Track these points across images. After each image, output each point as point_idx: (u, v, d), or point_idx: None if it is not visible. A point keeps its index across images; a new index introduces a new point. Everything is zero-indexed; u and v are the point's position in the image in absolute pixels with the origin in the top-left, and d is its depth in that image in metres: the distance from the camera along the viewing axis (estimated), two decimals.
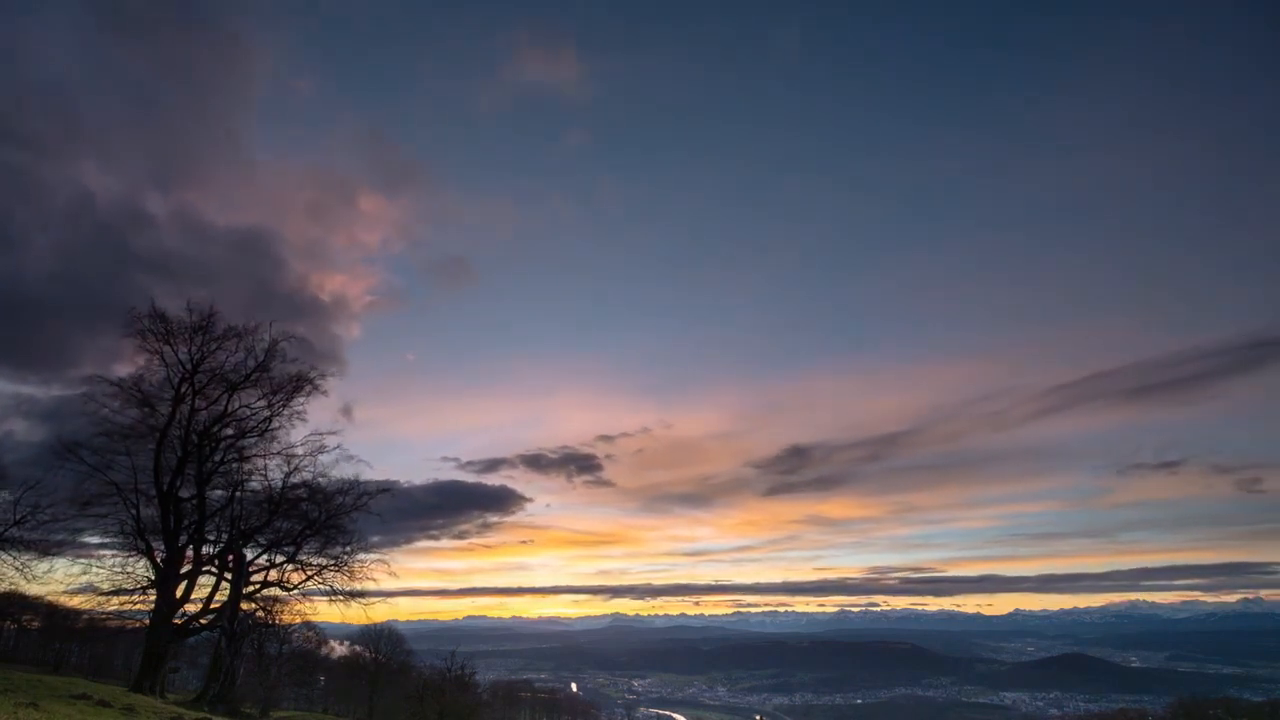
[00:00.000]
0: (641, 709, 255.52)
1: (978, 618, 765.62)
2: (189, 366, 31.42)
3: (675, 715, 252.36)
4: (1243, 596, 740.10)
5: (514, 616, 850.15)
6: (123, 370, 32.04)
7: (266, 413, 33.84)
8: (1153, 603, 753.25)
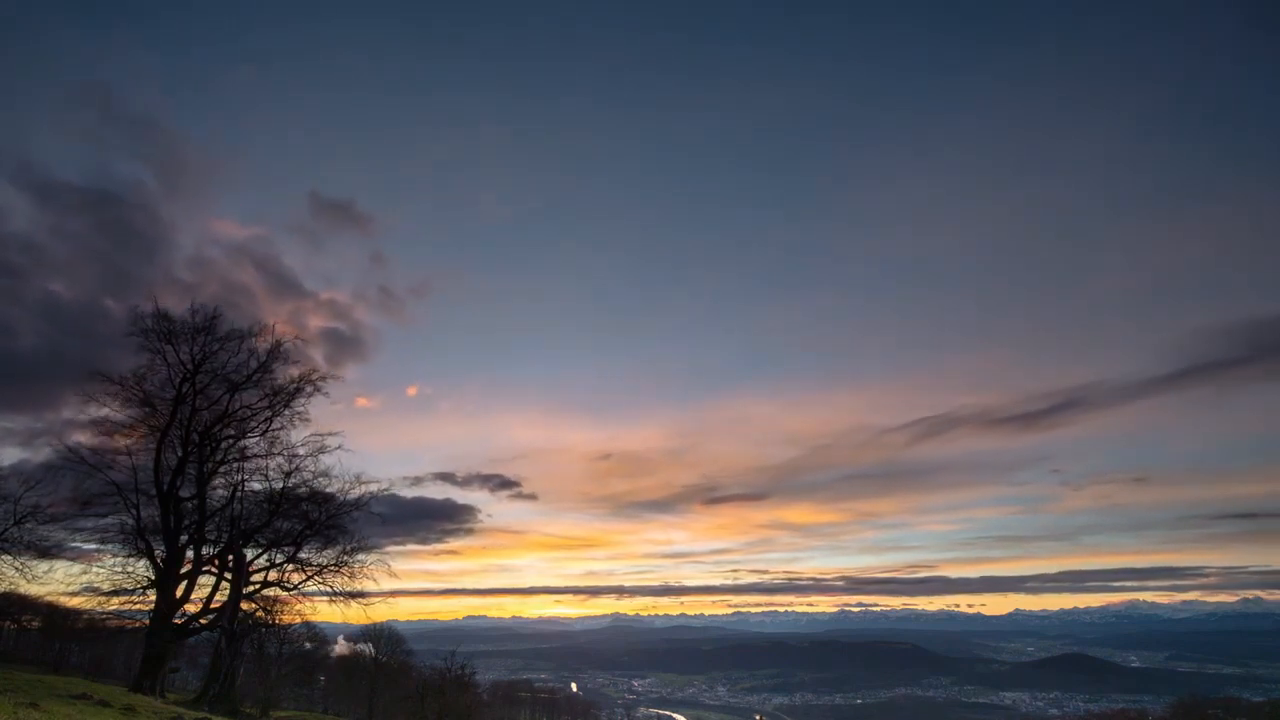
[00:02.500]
0: (641, 709, 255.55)
1: (978, 618, 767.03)
2: (190, 366, 31.38)
3: (675, 715, 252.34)
4: (1242, 596, 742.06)
5: (514, 616, 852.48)
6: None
7: (268, 413, 33.81)
8: (1153, 603, 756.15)
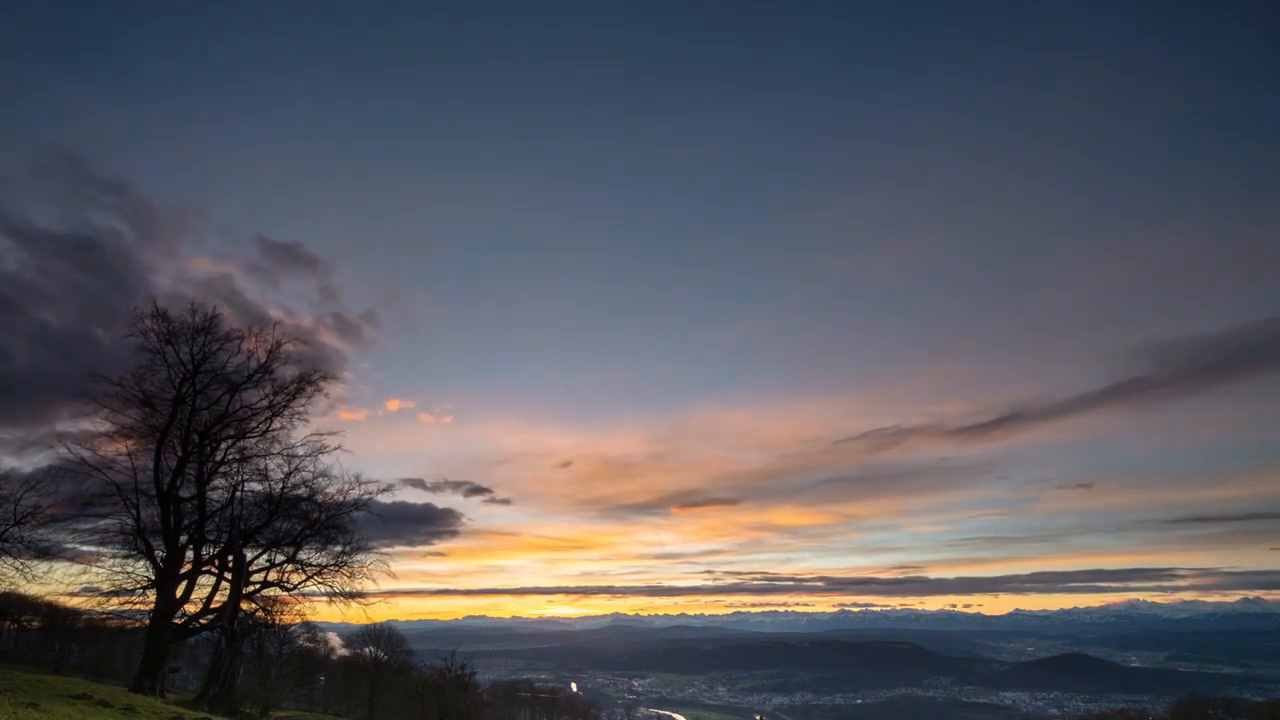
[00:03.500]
0: (641, 709, 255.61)
1: (978, 618, 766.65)
2: (190, 367, 31.41)
3: (675, 715, 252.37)
4: (1242, 596, 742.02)
5: (514, 617, 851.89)
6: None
7: (268, 413, 33.84)
8: (1153, 603, 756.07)
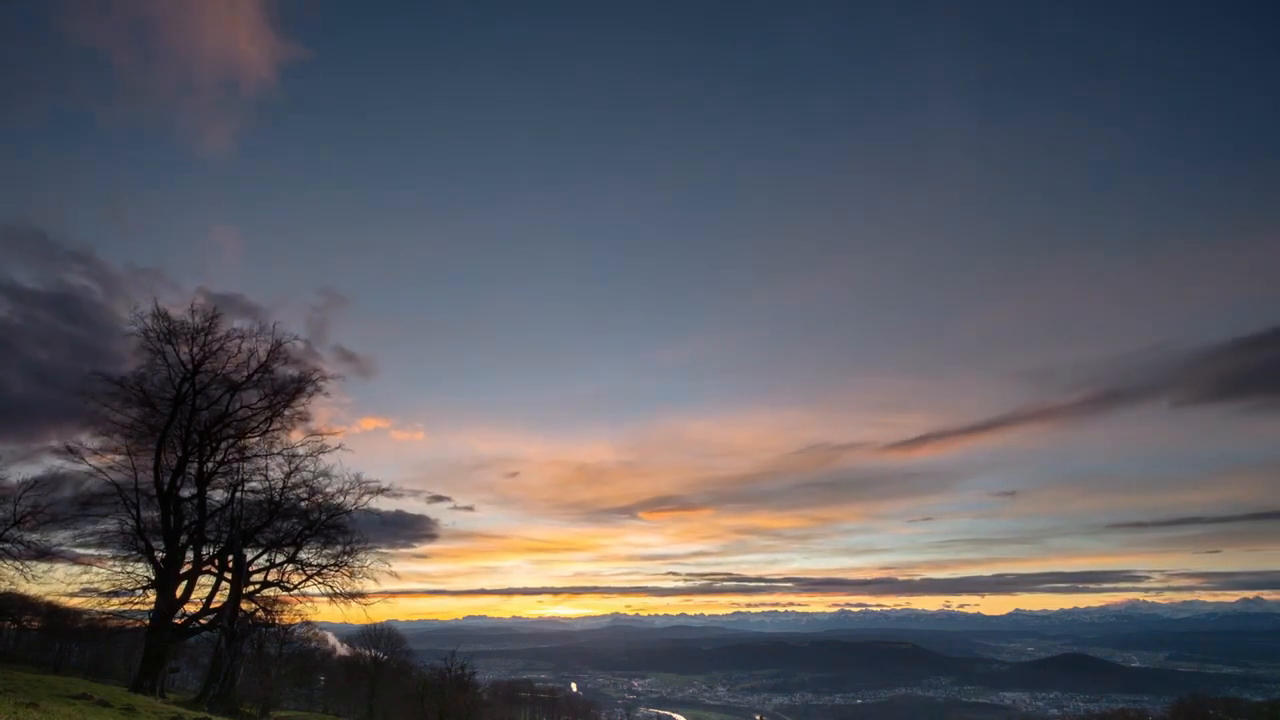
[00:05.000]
0: (641, 709, 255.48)
1: (978, 618, 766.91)
2: (191, 367, 31.38)
3: (675, 715, 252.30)
4: (1242, 596, 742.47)
5: (514, 617, 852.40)
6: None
7: (268, 413, 33.80)
8: (1152, 603, 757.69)
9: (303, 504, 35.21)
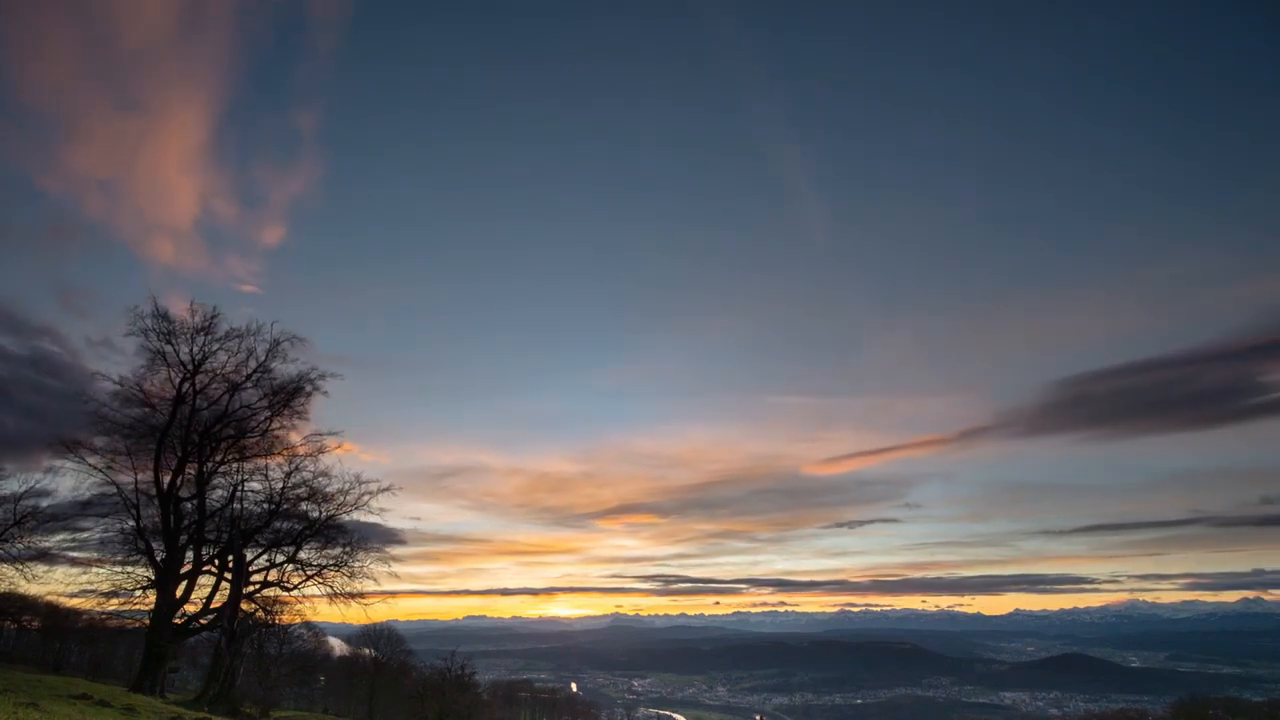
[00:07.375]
0: (641, 709, 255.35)
1: (978, 618, 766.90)
2: (190, 366, 31.40)
3: (675, 715, 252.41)
4: (1242, 596, 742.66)
5: (514, 616, 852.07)
6: None
7: (267, 412, 33.80)
8: (1152, 603, 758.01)
9: (303, 504, 35.23)
